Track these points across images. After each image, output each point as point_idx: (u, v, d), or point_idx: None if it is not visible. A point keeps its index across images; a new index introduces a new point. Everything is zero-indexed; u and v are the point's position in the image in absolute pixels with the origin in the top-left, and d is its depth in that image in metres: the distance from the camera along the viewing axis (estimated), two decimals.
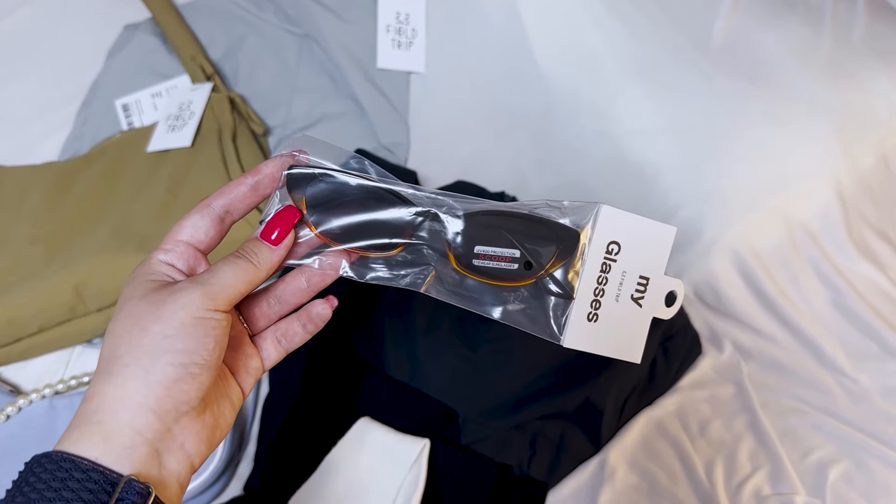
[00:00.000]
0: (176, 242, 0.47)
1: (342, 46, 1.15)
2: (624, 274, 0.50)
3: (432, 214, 0.50)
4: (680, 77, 1.06)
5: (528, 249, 0.49)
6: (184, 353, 0.41)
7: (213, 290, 0.43)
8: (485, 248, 0.50)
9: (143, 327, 0.41)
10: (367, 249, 0.50)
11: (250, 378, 0.50)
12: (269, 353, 0.51)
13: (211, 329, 0.42)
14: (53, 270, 0.91)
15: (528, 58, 1.12)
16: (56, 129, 1.18)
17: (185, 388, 0.41)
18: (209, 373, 0.43)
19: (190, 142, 1.05)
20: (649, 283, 0.51)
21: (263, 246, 0.47)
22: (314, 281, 0.51)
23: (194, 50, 1.16)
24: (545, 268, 0.49)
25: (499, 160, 1.15)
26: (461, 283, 0.52)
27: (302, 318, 0.52)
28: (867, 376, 1.00)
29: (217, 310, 0.43)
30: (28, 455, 0.85)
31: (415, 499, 0.77)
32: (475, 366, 0.88)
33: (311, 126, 1.15)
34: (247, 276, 0.45)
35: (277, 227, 0.48)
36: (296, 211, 0.49)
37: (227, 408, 0.47)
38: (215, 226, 0.48)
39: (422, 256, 0.52)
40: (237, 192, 0.48)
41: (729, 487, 0.88)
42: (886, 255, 1.07)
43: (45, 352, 0.95)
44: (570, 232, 0.50)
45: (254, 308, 0.51)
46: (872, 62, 1.05)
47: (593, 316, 0.50)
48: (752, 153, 1.04)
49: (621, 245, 0.50)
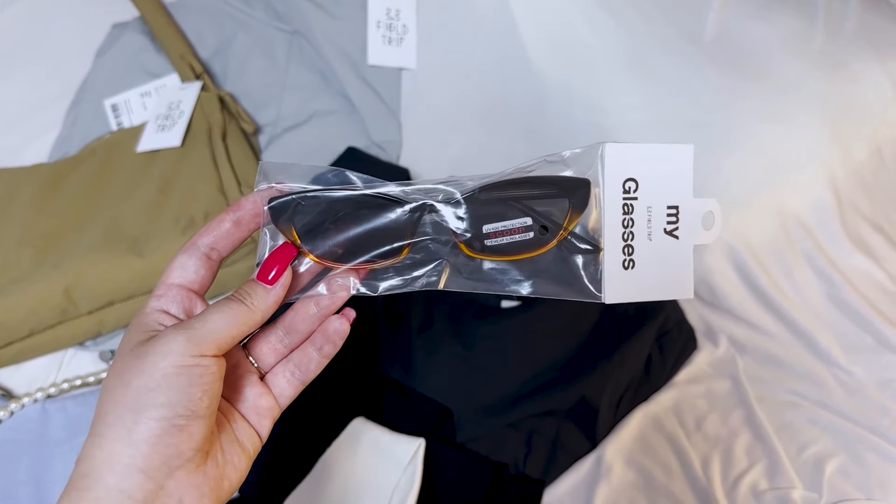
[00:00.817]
0: (168, 286, 0.46)
1: (332, 43, 1.14)
2: (650, 209, 0.47)
3: (429, 207, 0.47)
4: (671, 70, 1.06)
5: (538, 213, 0.46)
6: (166, 407, 0.40)
7: (198, 335, 0.42)
8: (494, 226, 0.47)
9: (126, 382, 0.40)
10: (372, 261, 0.48)
11: (265, 419, 0.48)
12: (283, 390, 0.49)
13: (197, 377, 0.41)
14: (43, 273, 0.90)
15: (520, 52, 1.12)
16: (45, 129, 1.17)
17: (174, 443, 0.40)
18: (200, 423, 0.41)
19: (179, 141, 1.04)
20: (679, 210, 0.47)
21: (259, 287, 0.46)
22: (324, 304, 0.49)
23: (183, 48, 1.15)
24: (563, 227, 0.46)
25: (491, 155, 1.14)
26: (479, 269, 0.49)
27: (317, 340, 0.50)
28: (862, 369, 1.00)
29: (203, 355, 0.41)
30: (20, 459, 0.85)
31: (410, 498, 0.77)
32: (470, 364, 0.87)
33: (302, 124, 1.15)
34: (238, 318, 0.44)
35: (273, 267, 0.46)
36: (291, 248, 0.47)
37: (237, 455, 0.45)
38: (204, 264, 0.47)
39: (431, 253, 0.49)
40: (220, 230, 0.47)
41: (726, 482, 0.88)
42: (881, 247, 1.07)
43: (36, 355, 0.95)
44: (578, 182, 0.46)
45: (261, 344, 0.50)
46: (865, 54, 1.04)
47: (629, 263, 0.47)
48: (745, 146, 1.03)
49: (638, 180, 0.46)
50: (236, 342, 0.44)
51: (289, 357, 0.50)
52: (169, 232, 0.93)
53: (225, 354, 0.44)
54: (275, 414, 0.49)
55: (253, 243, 0.94)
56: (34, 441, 0.85)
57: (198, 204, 0.96)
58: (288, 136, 1.14)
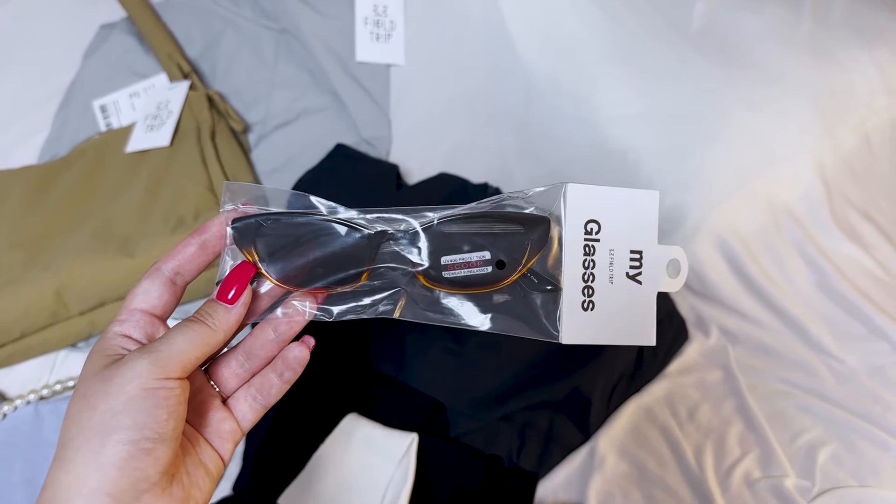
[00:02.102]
0: (130, 311, 0.46)
1: (320, 40, 1.14)
2: (612, 252, 0.47)
3: (389, 235, 0.47)
4: (660, 62, 1.06)
5: (498, 248, 0.46)
6: (133, 429, 0.39)
7: (162, 358, 0.42)
8: (452, 258, 0.47)
9: (91, 406, 0.40)
10: (330, 286, 0.48)
11: (227, 443, 0.48)
12: (245, 414, 0.49)
13: (162, 399, 0.41)
14: (34, 275, 0.90)
15: (508, 46, 1.12)
16: (34, 131, 1.17)
17: (141, 466, 0.39)
18: (166, 446, 0.41)
19: (168, 141, 1.04)
20: (643, 256, 0.48)
21: (219, 307, 0.46)
22: (282, 329, 0.49)
23: (171, 48, 1.15)
24: (521, 264, 0.46)
25: (481, 151, 1.14)
26: (437, 300, 0.49)
27: (277, 367, 0.50)
28: (853, 357, 1.00)
29: (168, 378, 0.41)
30: (14, 461, 0.85)
31: (404, 493, 0.77)
32: (462, 358, 0.87)
33: (291, 122, 1.15)
34: (201, 339, 0.44)
35: (233, 286, 0.46)
36: (250, 266, 0.47)
37: (202, 477, 0.45)
38: (168, 289, 0.47)
39: (389, 281, 0.49)
40: (185, 253, 0.47)
41: (719, 472, 0.88)
42: (870, 235, 1.07)
43: (28, 357, 0.95)
44: (538, 219, 0.47)
45: (223, 369, 0.50)
46: (852, 42, 1.05)
47: (588, 304, 0.46)
48: (734, 137, 1.03)
49: (600, 222, 0.47)
50: (200, 363, 0.44)
51: (250, 382, 0.50)
52: (159, 232, 0.93)
53: (188, 378, 0.44)
54: (237, 438, 0.49)
55: None
56: (27, 443, 0.85)
57: (187, 203, 0.96)
58: (277, 134, 1.14)
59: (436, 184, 1.03)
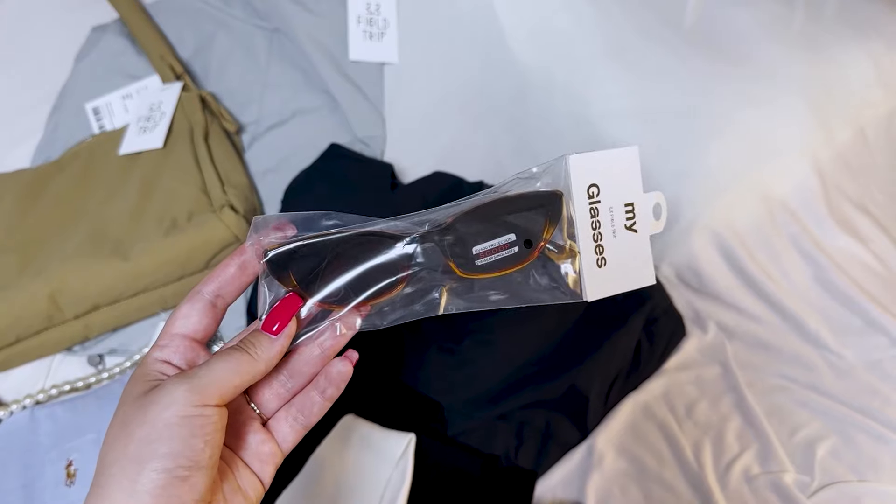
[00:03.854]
0: (170, 337, 0.46)
1: (313, 40, 1.14)
2: (611, 210, 0.51)
3: (419, 237, 0.49)
4: (653, 58, 1.06)
5: (520, 228, 0.49)
6: (169, 458, 0.39)
7: (201, 385, 0.41)
8: (482, 246, 0.49)
9: (129, 433, 0.40)
10: (372, 298, 0.49)
11: (267, 466, 0.48)
12: (286, 435, 0.49)
13: (199, 428, 0.41)
14: (28, 279, 0.90)
15: (501, 43, 1.12)
16: (26, 135, 1.17)
17: (177, 494, 0.39)
18: (202, 473, 0.40)
19: (162, 143, 1.03)
20: (635, 206, 0.51)
21: (263, 337, 0.46)
22: (328, 345, 0.49)
23: (163, 49, 1.14)
24: (542, 237, 0.49)
25: (475, 149, 1.14)
26: (472, 288, 0.51)
27: (320, 384, 0.49)
28: (851, 351, 1.00)
29: (206, 405, 0.41)
30: (9, 466, 0.84)
31: (402, 493, 0.77)
32: (459, 358, 0.87)
33: (285, 122, 1.14)
34: (241, 367, 0.43)
35: (278, 317, 0.46)
36: (297, 299, 0.47)
37: (240, 502, 0.45)
38: (207, 313, 0.47)
39: (427, 281, 0.51)
40: (225, 275, 0.48)
41: (718, 468, 0.88)
42: (867, 228, 1.07)
43: (24, 361, 0.94)
44: (551, 194, 0.50)
45: (264, 390, 0.49)
46: (845, 35, 1.05)
47: (601, 261, 0.50)
48: (728, 132, 1.03)
49: (599, 185, 0.50)
50: (239, 392, 0.44)
51: (291, 402, 0.50)
52: (153, 234, 0.93)
53: (228, 403, 0.44)
54: (277, 460, 0.48)
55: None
56: (23, 447, 0.85)
57: (181, 205, 0.96)
58: (271, 135, 1.14)
59: (431, 182, 1.03)
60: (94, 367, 0.95)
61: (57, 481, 0.81)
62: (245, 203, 0.99)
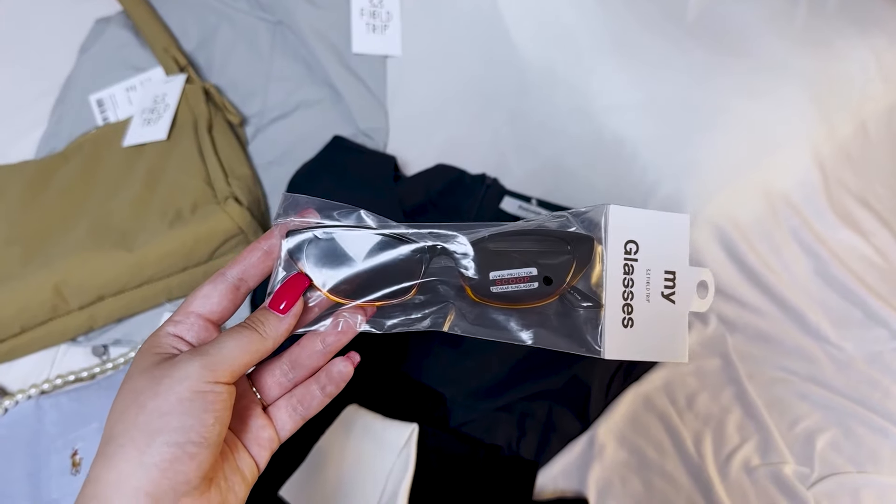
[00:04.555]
0: (187, 314, 0.46)
1: (316, 32, 1.14)
2: (648, 272, 0.48)
3: (439, 249, 0.48)
4: (655, 51, 1.06)
5: (544, 265, 0.48)
6: (180, 432, 0.40)
7: (214, 362, 0.42)
8: (500, 273, 0.48)
9: (140, 404, 0.40)
10: (381, 299, 0.49)
11: (264, 451, 0.48)
12: (284, 423, 0.50)
13: (210, 403, 0.41)
14: (32, 270, 0.90)
15: (503, 36, 1.12)
16: (31, 127, 1.17)
17: (183, 469, 0.39)
18: (209, 451, 0.41)
19: (165, 135, 1.04)
20: (676, 276, 0.49)
21: (271, 315, 0.46)
22: (330, 341, 0.49)
23: (167, 41, 1.15)
24: (566, 280, 0.48)
25: (478, 142, 1.14)
26: (483, 314, 0.50)
27: (321, 379, 0.50)
28: (852, 343, 1.00)
29: (218, 382, 0.42)
30: (15, 455, 0.85)
31: (405, 483, 0.77)
32: (461, 349, 0.88)
33: (288, 114, 1.14)
34: (251, 346, 0.44)
35: (286, 296, 0.47)
36: (304, 278, 0.48)
37: (238, 483, 0.45)
38: (229, 295, 0.47)
39: (438, 295, 0.50)
40: (251, 259, 0.48)
41: (718, 459, 0.89)
42: (867, 221, 1.07)
43: (29, 352, 0.95)
44: (583, 238, 0.48)
45: (266, 377, 0.50)
46: (848, 29, 1.05)
47: (628, 321, 0.48)
48: (730, 125, 1.03)
49: (638, 243, 0.48)
50: (248, 369, 0.45)
51: (292, 392, 0.50)
52: (157, 226, 0.93)
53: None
54: (274, 446, 0.49)
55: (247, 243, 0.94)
56: (29, 437, 0.85)
57: (185, 197, 0.96)
58: (274, 127, 1.14)
59: (433, 175, 1.03)
60: (99, 358, 0.95)
61: (62, 470, 0.82)
62: (249, 195, 0.99)
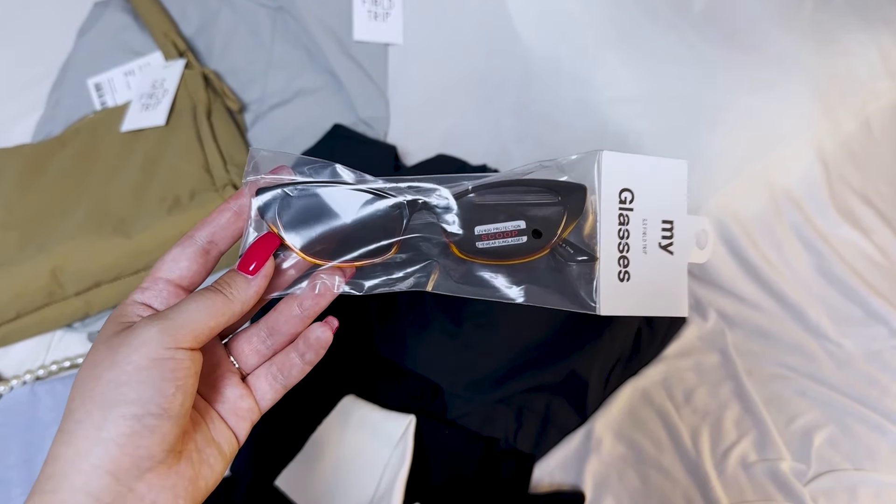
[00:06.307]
0: (154, 280, 0.44)
1: (317, 19, 1.13)
2: (645, 222, 0.46)
3: (420, 204, 0.45)
4: (660, 44, 1.05)
5: (532, 217, 0.45)
6: (137, 404, 0.37)
7: (173, 326, 0.39)
8: (486, 228, 0.45)
9: (96, 376, 0.38)
10: (359, 259, 0.46)
11: (243, 422, 0.46)
12: (264, 393, 0.47)
13: (170, 371, 0.38)
14: (29, 255, 0.90)
15: (507, 26, 1.11)
16: (28, 110, 1.16)
17: (145, 444, 0.37)
18: (171, 422, 0.38)
19: (164, 120, 1.03)
20: (674, 226, 0.46)
21: (239, 277, 0.43)
22: (308, 305, 0.46)
23: (166, 26, 1.14)
24: (557, 233, 0.45)
25: (479, 132, 1.13)
26: (469, 272, 0.47)
27: (299, 346, 0.47)
28: (851, 341, 1.00)
29: (179, 347, 0.39)
30: (10, 442, 0.84)
31: (401, 475, 0.77)
32: (459, 341, 0.87)
33: (288, 101, 1.13)
34: (216, 308, 0.41)
35: (255, 257, 0.44)
36: (274, 238, 0.45)
37: (213, 455, 0.43)
38: (198, 259, 0.45)
39: (420, 253, 0.47)
40: (220, 220, 0.45)
41: (715, 455, 0.89)
42: (869, 219, 1.07)
43: (24, 337, 0.94)
44: (574, 186, 0.45)
45: (244, 344, 0.48)
46: (854, 25, 1.04)
47: (624, 274, 0.45)
48: (734, 119, 1.03)
49: (633, 191, 0.45)
50: (214, 334, 0.42)
51: (272, 360, 0.48)
52: (155, 212, 0.93)
53: (206, 353, 0.43)
54: (254, 417, 0.47)
55: None
56: (24, 424, 0.85)
57: (183, 183, 0.95)
58: (274, 114, 1.13)
59: (434, 165, 1.02)
60: None
61: None
62: None
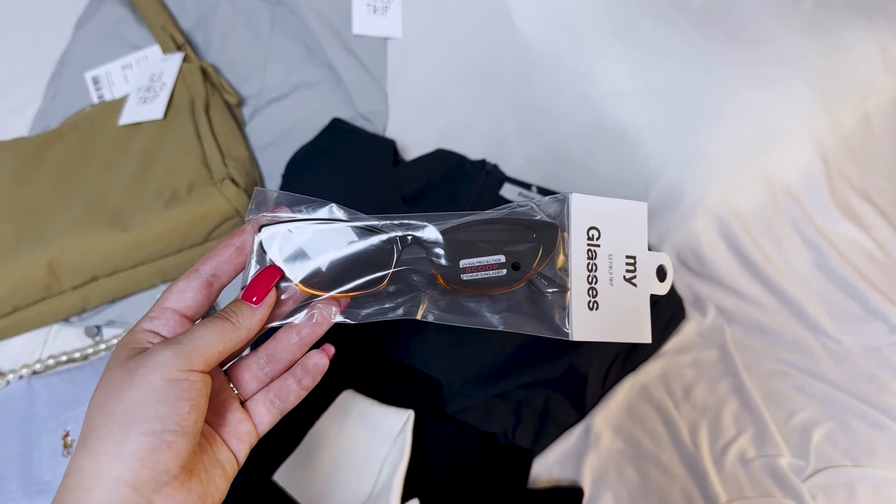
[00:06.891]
0: (162, 310, 0.47)
1: (316, 13, 1.12)
2: (611, 257, 0.51)
3: (410, 239, 0.50)
4: (660, 38, 1.05)
5: (511, 252, 0.50)
6: (156, 420, 0.40)
7: (187, 350, 0.43)
8: (470, 261, 0.50)
9: (116, 396, 0.41)
10: (354, 290, 0.50)
11: (242, 445, 0.49)
12: (262, 417, 0.50)
13: (185, 392, 0.42)
14: (26, 249, 0.89)
15: (506, 20, 1.11)
16: (25, 103, 1.16)
17: (162, 459, 0.40)
18: (186, 440, 0.41)
19: (162, 114, 1.02)
20: (637, 261, 0.52)
21: (244, 306, 0.47)
22: (305, 333, 0.50)
23: (164, 19, 1.13)
24: (533, 266, 0.50)
25: (478, 127, 1.13)
26: (455, 301, 0.52)
27: (297, 372, 0.51)
28: (850, 337, 1.00)
29: (192, 370, 0.42)
30: (6, 436, 0.84)
31: (400, 470, 0.77)
32: (458, 336, 0.87)
33: (287, 95, 1.13)
34: (224, 334, 0.45)
35: (258, 287, 0.48)
36: (276, 270, 0.49)
37: (219, 475, 0.46)
38: (203, 291, 0.48)
39: (410, 284, 0.52)
40: (223, 255, 0.49)
41: (714, 451, 0.89)
42: (868, 215, 1.07)
43: (21, 331, 0.94)
44: (547, 225, 0.50)
45: (243, 371, 0.51)
46: (854, 21, 1.04)
47: (593, 304, 0.50)
48: (734, 115, 1.03)
49: (600, 229, 0.51)
50: (222, 358, 0.45)
51: (269, 385, 0.51)
52: (152, 205, 0.92)
53: (210, 377, 0.45)
54: (252, 440, 0.50)
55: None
56: (20, 418, 0.84)
57: (181, 177, 0.95)
58: (272, 108, 1.13)
59: (433, 160, 1.02)
60: (92, 339, 0.95)
61: (54, 451, 0.81)
62: (246, 176, 0.98)
